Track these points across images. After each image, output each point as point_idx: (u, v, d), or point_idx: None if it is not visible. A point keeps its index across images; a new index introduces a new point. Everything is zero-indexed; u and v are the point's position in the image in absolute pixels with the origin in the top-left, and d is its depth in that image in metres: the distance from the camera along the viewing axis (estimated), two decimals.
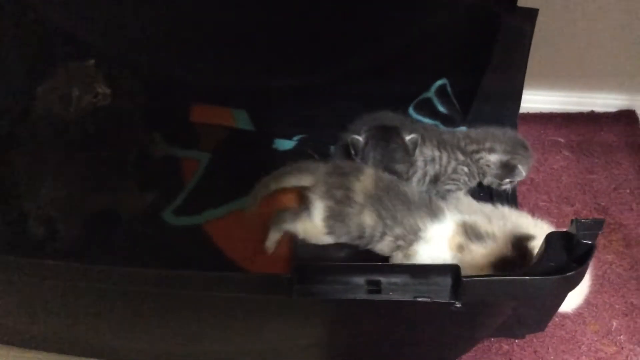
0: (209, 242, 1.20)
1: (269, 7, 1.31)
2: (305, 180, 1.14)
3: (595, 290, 1.15)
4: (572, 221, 0.75)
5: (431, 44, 1.32)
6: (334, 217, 1.08)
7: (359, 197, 1.06)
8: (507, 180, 1.21)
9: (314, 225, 1.11)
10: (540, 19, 1.19)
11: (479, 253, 0.97)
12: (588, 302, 1.12)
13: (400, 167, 1.16)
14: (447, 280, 0.73)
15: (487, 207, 1.16)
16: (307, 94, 1.42)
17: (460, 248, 0.99)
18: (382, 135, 1.17)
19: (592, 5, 1.30)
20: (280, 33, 1.35)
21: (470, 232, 0.99)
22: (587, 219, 0.73)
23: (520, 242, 0.95)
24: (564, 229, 0.77)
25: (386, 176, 1.09)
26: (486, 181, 1.23)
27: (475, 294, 0.73)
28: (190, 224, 1.22)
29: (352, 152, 1.17)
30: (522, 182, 1.29)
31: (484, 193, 1.26)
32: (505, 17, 1.19)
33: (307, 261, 1.08)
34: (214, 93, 1.43)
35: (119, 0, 1.34)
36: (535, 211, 1.25)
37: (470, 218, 1.02)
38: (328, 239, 1.12)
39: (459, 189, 1.21)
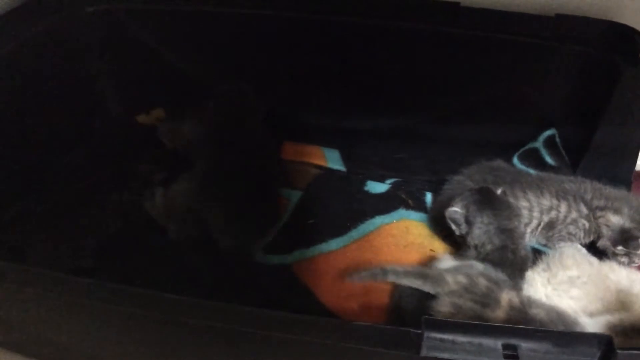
0: (297, 283, 1.15)
1: (366, 50, 1.31)
2: (425, 288, 1.00)
3: None
4: None
5: (540, 93, 1.28)
6: None
7: None
8: (621, 248, 1.10)
9: None
10: None
11: None
12: None
13: (513, 224, 1.08)
14: (594, 351, 0.66)
15: (595, 260, 1.07)
16: (402, 137, 1.39)
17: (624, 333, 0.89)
18: (482, 198, 1.09)
19: None
20: (378, 75, 1.33)
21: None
22: None
23: None
24: None
25: (516, 302, 0.92)
26: (600, 243, 1.14)
27: None
28: (279, 262, 1.18)
29: (453, 227, 1.09)
30: None
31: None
32: (626, 69, 1.13)
33: (410, 314, 1.01)
34: (306, 131, 1.41)
35: (215, 34, 1.36)
36: None
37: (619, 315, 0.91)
38: None
39: (572, 242, 1.14)
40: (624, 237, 1.09)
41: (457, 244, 1.14)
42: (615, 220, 1.11)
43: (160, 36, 1.36)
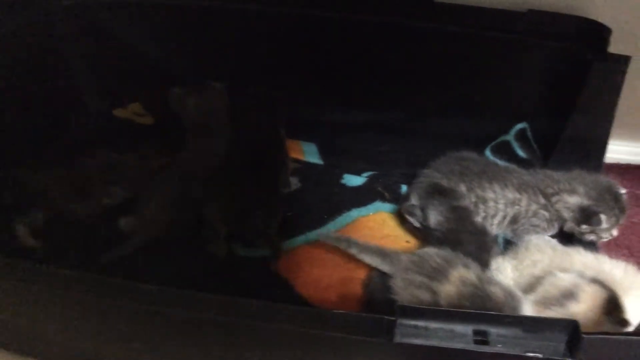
0: (275, 275, 1.16)
1: (343, 45, 1.32)
2: (383, 267, 1.09)
3: None
4: None
5: (512, 87, 1.30)
6: None
7: (443, 302, 0.95)
8: (586, 227, 1.13)
9: None
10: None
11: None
12: None
13: (461, 202, 1.16)
14: (562, 336, 0.69)
15: (559, 246, 1.11)
16: (379, 131, 1.40)
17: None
18: (430, 189, 1.19)
19: None
20: (355, 69, 1.35)
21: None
22: None
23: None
24: None
25: (470, 278, 0.96)
26: (566, 227, 1.16)
27: (595, 353, 0.68)
28: (258, 255, 1.19)
29: (411, 219, 1.17)
30: None
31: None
32: (595, 63, 1.16)
33: (383, 305, 1.03)
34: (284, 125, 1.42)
35: (191, 28, 1.36)
36: None
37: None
38: None
39: (538, 234, 1.17)
40: (585, 215, 1.12)
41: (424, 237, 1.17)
42: (573, 200, 1.13)
43: (137, 30, 1.36)
